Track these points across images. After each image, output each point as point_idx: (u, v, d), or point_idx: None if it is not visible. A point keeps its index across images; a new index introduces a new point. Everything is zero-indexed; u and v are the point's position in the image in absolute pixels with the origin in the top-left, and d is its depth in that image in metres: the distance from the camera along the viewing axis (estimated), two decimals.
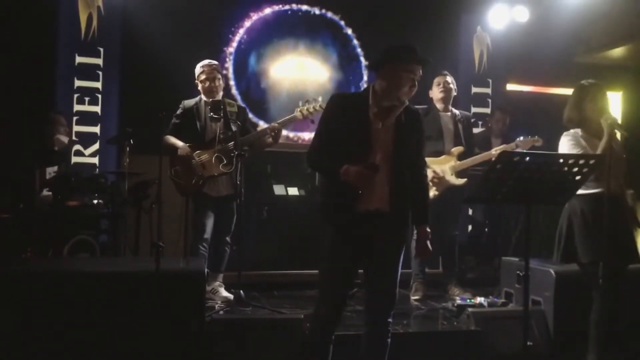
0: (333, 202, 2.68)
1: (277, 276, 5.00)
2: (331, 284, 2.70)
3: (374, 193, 2.62)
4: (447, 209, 4.68)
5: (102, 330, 3.09)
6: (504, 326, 3.64)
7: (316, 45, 6.39)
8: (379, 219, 2.65)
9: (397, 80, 2.60)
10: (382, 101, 2.65)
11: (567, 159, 2.67)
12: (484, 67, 6.51)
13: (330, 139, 2.67)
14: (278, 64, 6.31)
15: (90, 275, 3.22)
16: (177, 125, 4.38)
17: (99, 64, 5.51)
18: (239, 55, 6.20)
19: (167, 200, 3.69)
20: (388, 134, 2.66)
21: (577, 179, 2.70)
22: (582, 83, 3.43)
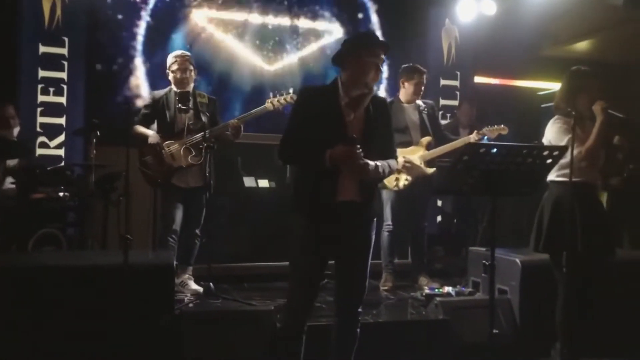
0: (307, 194, 2.68)
1: (247, 268, 4.99)
2: (302, 276, 2.72)
3: (347, 185, 2.64)
4: (415, 200, 4.73)
5: (69, 325, 3.05)
6: (471, 315, 3.71)
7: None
8: (350, 210, 2.66)
9: (362, 66, 2.63)
10: (351, 91, 2.67)
11: (531, 149, 2.71)
12: (453, 60, 6.58)
13: (303, 131, 2.67)
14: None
15: (56, 269, 3.18)
16: (146, 115, 4.34)
17: (64, 54, 5.39)
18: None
19: (135, 192, 3.64)
20: (358, 125, 2.68)
21: (542, 170, 2.76)
22: (573, 70, 3.39)
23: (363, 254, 2.76)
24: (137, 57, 5.79)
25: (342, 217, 2.66)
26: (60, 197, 4.68)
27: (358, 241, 2.74)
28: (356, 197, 2.67)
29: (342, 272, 2.77)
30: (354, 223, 2.70)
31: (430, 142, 4.73)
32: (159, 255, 3.80)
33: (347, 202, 2.66)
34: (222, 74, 6.11)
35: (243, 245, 5.14)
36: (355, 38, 2.80)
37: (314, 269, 2.71)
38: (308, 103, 2.72)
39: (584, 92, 3.28)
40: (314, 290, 2.75)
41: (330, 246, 2.70)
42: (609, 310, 3.80)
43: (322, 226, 2.66)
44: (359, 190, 2.67)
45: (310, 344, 2.77)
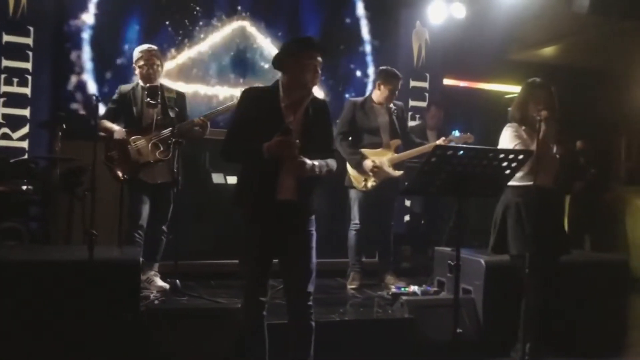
0: (249, 192, 2.78)
1: (215, 266, 4.97)
2: (252, 272, 2.82)
3: (286, 185, 2.73)
4: (383, 200, 4.78)
5: (32, 322, 2.99)
6: (436, 314, 3.77)
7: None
8: (289, 209, 2.74)
9: (300, 69, 2.74)
10: (291, 93, 2.78)
11: (497, 153, 2.78)
12: (422, 62, 6.64)
13: (245, 132, 2.75)
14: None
15: (18, 264, 3.12)
16: (113, 110, 4.28)
17: (29, 43, 5.26)
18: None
19: (101, 187, 3.59)
20: (298, 127, 2.76)
21: (507, 173, 2.82)
22: (528, 82, 3.53)
23: (305, 251, 2.82)
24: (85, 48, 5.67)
25: (282, 216, 2.74)
26: (24, 191, 4.59)
27: (298, 239, 2.81)
28: (294, 196, 2.75)
29: (286, 270, 2.85)
30: (293, 222, 2.78)
31: (399, 145, 4.78)
32: (124, 252, 3.76)
33: (286, 200, 2.74)
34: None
35: (210, 242, 5.11)
36: (293, 42, 2.89)
37: (262, 264, 2.80)
38: (250, 104, 2.81)
39: (533, 102, 3.41)
40: (262, 286, 2.83)
41: (272, 244, 2.78)
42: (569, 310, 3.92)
43: (263, 224, 2.75)
44: (296, 189, 2.76)
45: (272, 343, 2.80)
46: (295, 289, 2.83)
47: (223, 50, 6.09)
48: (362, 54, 6.61)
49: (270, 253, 2.82)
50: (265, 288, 2.85)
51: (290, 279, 2.84)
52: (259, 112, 2.75)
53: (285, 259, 2.84)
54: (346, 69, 6.53)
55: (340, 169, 4.70)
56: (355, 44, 6.57)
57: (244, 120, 2.79)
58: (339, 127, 4.74)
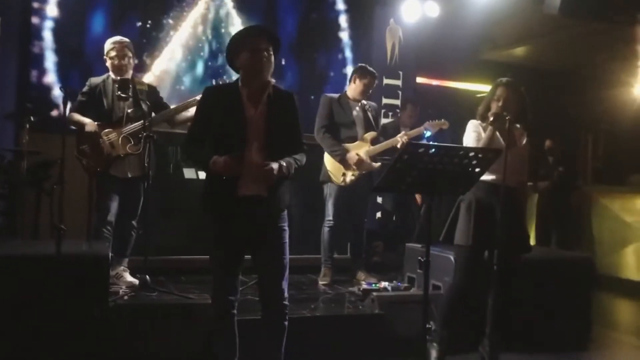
0: (213, 190, 2.74)
1: (185, 261, 4.93)
2: (221, 271, 2.79)
3: (252, 179, 2.67)
4: (357, 196, 4.80)
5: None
6: (406, 310, 3.80)
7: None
8: (255, 204, 2.70)
9: (250, 58, 2.69)
10: (249, 85, 2.74)
11: (467, 151, 2.81)
12: (396, 60, 6.69)
13: (206, 129, 2.74)
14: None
15: None
16: (82, 102, 4.19)
17: None
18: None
19: (70, 181, 3.53)
20: (260, 121, 2.73)
21: (477, 171, 2.86)
22: (496, 81, 3.59)
23: (277, 249, 2.78)
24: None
25: (247, 212, 2.70)
26: None
27: (269, 235, 2.77)
28: (259, 191, 2.70)
29: (260, 268, 2.82)
30: (260, 217, 2.73)
31: (375, 137, 4.81)
32: (93, 246, 3.70)
33: (251, 196, 2.69)
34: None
35: (181, 237, 5.06)
36: (236, 33, 2.83)
37: (231, 262, 2.77)
38: (210, 101, 2.79)
39: (495, 100, 3.48)
40: (232, 283, 2.78)
41: (240, 241, 2.74)
42: (534, 306, 3.99)
43: (231, 221, 2.72)
44: (262, 184, 2.70)
45: (243, 339, 2.78)
46: (268, 288, 2.80)
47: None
48: (339, 51, 6.63)
49: (239, 251, 2.78)
50: (235, 286, 2.80)
51: (264, 278, 2.81)
52: (220, 107, 2.72)
53: (258, 257, 2.80)
54: (323, 66, 6.54)
55: (315, 164, 4.75)
56: (331, 41, 6.58)
57: (205, 117, 2.77)
58: (319, 121, 4.76)
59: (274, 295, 2.79)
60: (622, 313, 5.99)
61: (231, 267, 2.78)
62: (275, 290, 2.78)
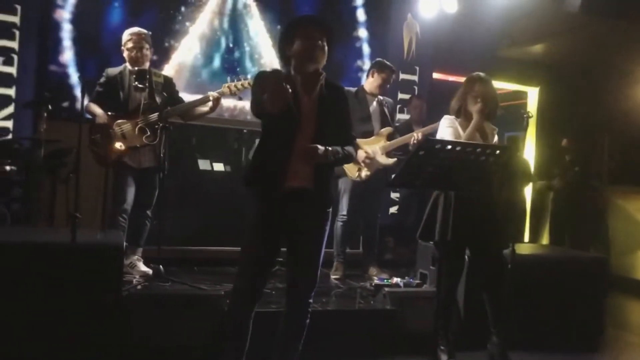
0: (262, 177, 2.66)
1: (198, 252, 4.96)
2: (252, 259, 2.67)
3: (300, 171, 2.61)
4: (371, 191, 4.80)
5: (12, 303, 2.97)
6: (417, 306, 3.79)
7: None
8: (304, 197, 2.64)
9: (303, 46, 2.64)
10: (303, 73, 2.67)
11: (483, 148, 2.79)
12: (412, 55, 6.64)
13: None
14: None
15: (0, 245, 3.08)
16: (100, 93, 4.23)
17: (16, 22, 5.18)
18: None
19: (86, 169, 3.56)
20: (313, 109, 2.67)
21: (492, 168, 2.84)
22: (468, 77, 3.62)
23: (315, 243, 2.72)
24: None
25: (292, 204, 2.63)
26: (7, 171, 4.53)
27: (310, 231, 2.71)
28: (309, 183, 2.65)
29: (294, 262, 2.75)
30: (305, 211, 2.67)
31: (391, 132, 4.80)
32: (108, 235, 3.73)
33: (298, 188, 2.63)
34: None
35: (195, 228, 5.10)
36: (289, 22, 2.77)
37: (265, 253, 2.68)
38: (261, 86, 2.65)
39: (472, 96, 3.50)
40: (263, 275, 2.71)
41: (282, 232, 2.68)
42: (547, 306, 3.97)
43: (275, 211, 2.63)
44: (310, 176, 2.65)
45: (258, 331, 2.75)
46: (299, 283, 2.73)
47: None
48: (356, 45, 6.61)
49: (279, 241, 2.70)
50: (265, 278, 2.72)
51: (296, 272, 2.74)
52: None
53: (293, 251, 2.73)
54: (339, 59, 6.52)
55: None
56: (348, 34, 6.56)
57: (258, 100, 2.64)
58: None
59: (304, 293, 2.73)
60: (636, 315, 5.94)
61: (261, 263, 2.68)
62: (307, 289, 2.73)
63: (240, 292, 2.71)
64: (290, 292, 2.78)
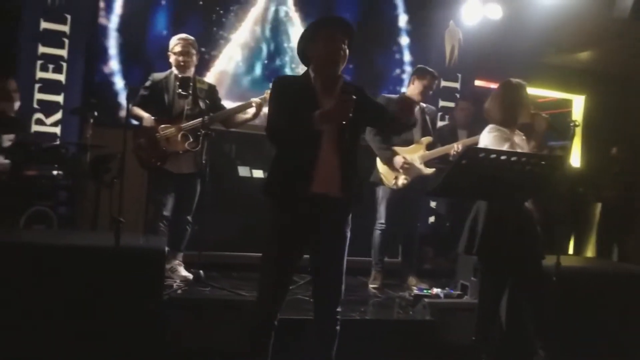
0: (284, 183, 2.62)
1: (238, 258, 4.99)
2: (274, 269, 2.64)
3: (326, 177, 2.57)
4: (411, 200, 4.74)
5: (57, 305, 3.03)
6: (458, 318, 3.72)
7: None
8: (326, 204, 2.59)
9: (326, 48, 2.61)
10: (323, 75, 2.66)
11: (529, 157, 2.72)
12: (455, 62, 6.56)
13: (286, 113, 2.60)
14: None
15: (46, 248, 3.15)
16: (144, 97, 4.31)
17: (65, 31, 5.34)
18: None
19: (129, 175, 3.63)
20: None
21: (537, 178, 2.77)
22: (510, 82, 3.47)
23: (337, 254, 2.68)
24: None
25: (316, 211, 2.58)
26: (54, 176, 4.66)
27: (333, 239, 2.67)
28: (334, 190, 2.59)
29: (317, 272, 2.72)
30: (328, 218, 2.63)
31: (431, 142, 4.74)
32: (150, 240, 3.78)
33: (323, 194, 2.57)
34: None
35: (234, 234, 5.14)
36: (312, 23, 2.73)
37: (287, 261, 2.64)
38: (283, 91, 2.68)
39: (522, 104, 3.35)
40: (285, 284, 2.67)
41: (306, 240, 2.64)
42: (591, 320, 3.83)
43: (298, 218, 2.60)
44: (338, 182, 2.60)
45: (288, 338, 2.75)
46: (324, 292, 2.70)
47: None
48: (397, 53, 6.58)
49: (302, 249, 2.67)
50: (282, 299, 2.66)
51: (320, 281, 2.71)
52: (293, 98, 2.61)
53: (316, 261, 2.70)
54: (380, 66, 6.50)
55: (368, 165, 4.72)
56: (389, 41, 6.54)
57: (281, 106, 2.64)
58: None
59: (330, 302, 2.69)
60: None
61: (282, 271, 2.65)
62: (331, 298, 2.68)
63: (263, 302, 2.69)
64: (316, 301, 2.74)
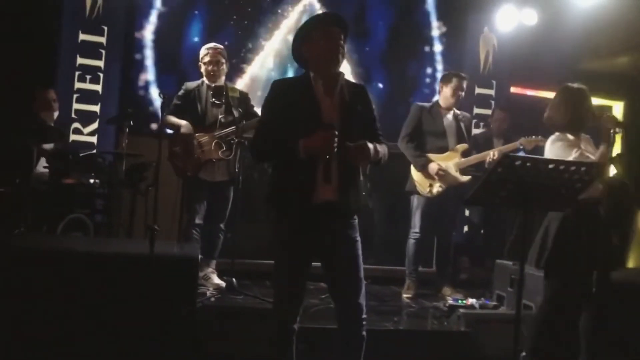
0: (288, 193, 2.58)
1: (270, 266, 4.96)
2: (287, 279, 2.62)
3: (326, 182, 2.54)
4: (446, 209, 4.68)
5: (92, 311, 3.07)
6: (494, 329, 3.64)
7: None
8: (329, 211, 2.56)
9: (325, 46, 2.56)
10: (322, 74, 2.60)
11: (568, 165, 2.65)
12: (489, 68, 6.48)
13: (277, 124, 2.57)
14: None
15: (83, 255, 3.21)
16: (178, 106, 4.36)
17: (102, 42, 5.47)
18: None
19: (163, 183, 3.67)
20: (334, 111, 2.59)
21: (577, 186, 2.69)
22: (571, 86, 3.40)
23: (349, 258, 2.63)
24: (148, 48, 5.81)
25: (319, 219, 2.55)
26: (91, 184, 4.74)
27: (341, 245, 2.62)
28: (335, 196, 2.55)
29: (332, 281, 2.67)
30: (332, 225, 2.59)
31: (466, 149, 4.68)
32: (184, 247, 3.82)
33: (324, 202, 2.54)
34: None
35: (267, 242, 5.11)
36: (308, 20, 2.68)
37: (299, 270, 2.61)
38: (281, 94, 2.62)
39: (587, 108, 3.29)
40: (299, 292, 2.63)
41: (315, 247, 2.60)
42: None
43: (305, 226, 2.56)
44: (339, 188, 2.55)
45: (317, 348, 2.71)
46: (345, 304, 2.64)
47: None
48: (429, 60, 6.53)
49: (307, 259, 2.62)
50: (297, 310, 2.62)
51: (340, 293, 2.66)
52: (292, 100, 2.57)
53: (329, 270, 2.64)
54: (412, 75, 6.46)
55: (403, 173, 4.68)
56: (421, 49, 6.50)
57: (276, 111, 2.59)
58: (404, 130, 4.71)
59: (352, 312, 2.63)
60: None
61: (299, 280, 2.62)
62: (352, 307, 2.62)
63: (279, 312, 2.66)
64: (337, 309, 2.68)
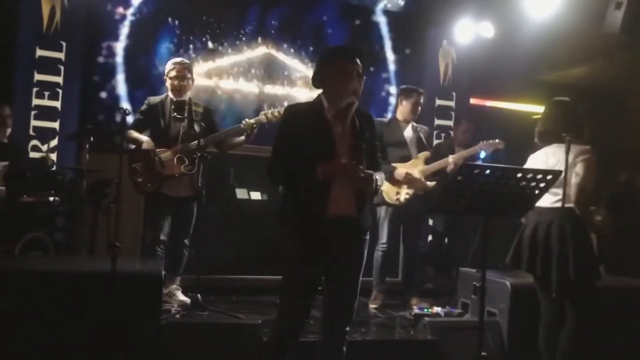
0: (301, 211, 2.64)
1: (236, 281, 4.95)
2: (296, 296, 2.64)
3: (341, 199, 2.61)
4: (411, 219, 4.73)
5: (54, 332, 3.00)
6: (459, 336, 3.69)
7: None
8: (343, 225, 2.62)
9: (344, 76, 2.66)
10: (337, 103, 2.68)
11: (525, 173, 2.72)
12: (449, 80, 6.61)
13: (292, 149, 2.64)
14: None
15: (42, 275, 3.14)
16: (140, 120, 4.32)
17: (61, 58, 5.38)
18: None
19: (125, 199, 3.61)
20: (347, 138, 2.68)
21: (536, 193, 2.76)
22: (560, 99, 3.43)
23: (355, 273, 2.71)
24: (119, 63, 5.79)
25: (334, 234, 2.61)
26: (50, 202, 4.64)
27: (351, 259, 2.69)
28: (349, 211, 2.64)
29: (333, 290, 2.71)
30: (346, 240, 2.65)
31: (429, 156, 4.75)
32: (147, 264, 3.76)
33: (339, 217, 2.61)
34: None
35: (232, 257, 5.11)
36: (329, 52, 2.84)
37: (308, 288, 2.64)
38: (294, 120, 2.70)
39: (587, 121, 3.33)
40: (306, 310, 2.67)
41: (325, 263, 2.65)
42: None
43: (318, 243, 2.61)
44: (352, 203, 2.64)
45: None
46: (338, 311, 2.70)
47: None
48: (387, 72, 6.61)
49: (319, 272, 2.67)
50: (308, 310, 2.66)
51: (335, 301, 2.70)
52: (305, 126, 2.64)
53: (333, 280, 2.69)
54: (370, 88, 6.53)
55: None
56: (380, 63, 6.57)
57: (289, 138, 2.66)
58: None
59: (342, 322, 2.70)
60: None
61: (304, 296, 2.64)
62: (344, 317, 2.69)
63: (283, 328, 2.67)
64: (327, 322, 2.74)
